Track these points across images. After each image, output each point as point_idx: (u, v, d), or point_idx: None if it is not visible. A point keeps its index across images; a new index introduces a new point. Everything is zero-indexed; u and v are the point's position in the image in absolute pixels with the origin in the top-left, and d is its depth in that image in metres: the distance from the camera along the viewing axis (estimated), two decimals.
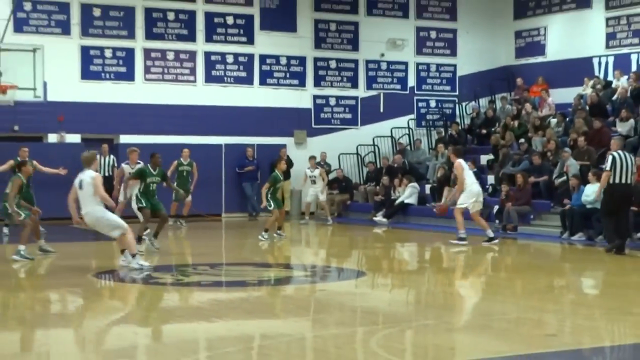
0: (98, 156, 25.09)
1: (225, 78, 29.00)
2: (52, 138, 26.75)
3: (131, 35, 27.85)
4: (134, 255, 15.76)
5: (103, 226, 15.58)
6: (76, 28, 27.24)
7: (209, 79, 28.77)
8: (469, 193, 20.22)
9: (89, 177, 15.39)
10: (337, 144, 29.70)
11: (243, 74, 29.21)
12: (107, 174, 26.03)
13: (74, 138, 26.94)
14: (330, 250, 21.29)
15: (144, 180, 18.80)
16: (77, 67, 27.24)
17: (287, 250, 21.01)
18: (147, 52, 28.03)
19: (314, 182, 26.97)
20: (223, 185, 28.34)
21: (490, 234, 20.40)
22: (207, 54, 28.76)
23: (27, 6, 26.59)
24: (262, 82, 29.41)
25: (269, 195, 21.43)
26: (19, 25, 26.28)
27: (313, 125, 30.13)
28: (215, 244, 22.03)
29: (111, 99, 27.40)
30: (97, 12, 27.45)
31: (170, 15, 28.34)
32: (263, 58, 29.48)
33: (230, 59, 29.05)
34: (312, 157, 27.44)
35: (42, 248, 17.95)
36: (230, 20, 29.11)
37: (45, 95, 24.38)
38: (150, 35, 28.08)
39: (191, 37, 28.59)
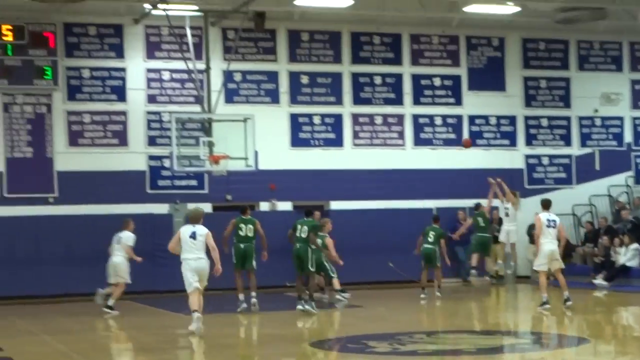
0: None
1: (434, 140, 28.70)
2: (264, 206, 27.02)
3: (339, 101, 27.96)
4: (194, 311, 16.46)
5: (205, 274, 16.79)
6: (285, 96, 27.56)
7: (418, 142, 28.52)
8: (541, 253, 19.71)
9: (203, 230, 16.98)
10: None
11: (452, 136, 28.83)
12: None
13: (286, 205, 27.14)
14: (547, 315, 20.54)
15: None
16: (287, 134, 27.51)
17: (501, 316, 20.43)
18: (355, 117, 28.07)
19: None
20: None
21: (544, 298, 19.56)
22: (415, 117, 28.56)
23: (237, 77, 27.09)
24: (472, 143, 28.91)
25: None
26: (230, 96, 26.80)
27: (526, 186, 29.35)
28: (430, 310, 21.64)
29: (321, 165, 27.51)
30: (304, 80, 27.73)
31: (377, 80, 28.33)
32: (472, 118, 29.05)
33: (438, 120, 28.76)
34: None
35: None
36: (437, 81, 28.87)
37: (257, 164, 24.64)
38: (357, 100, 28.11)
39: (398, 101, 28.46)
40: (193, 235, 16.88)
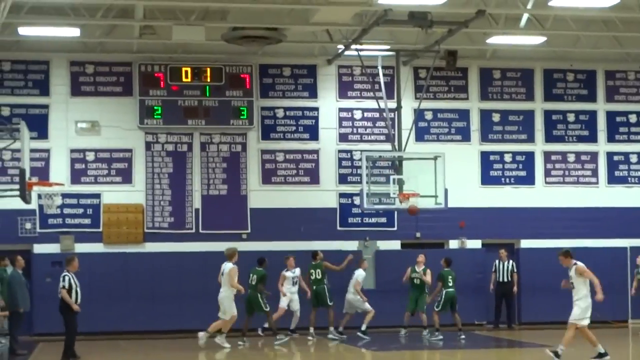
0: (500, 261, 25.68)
1: (629, 178, 28.10)
2: (453, 244, 27.06)
3: (530, 139, 27.78)
4: (222, 333, 21.91)
5: (225, 305, 21.92)
6: (476, 134, 27.59)
7: (612, 179, 28.01)
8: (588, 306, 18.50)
9: (228, 268, 21.91)
10: None
11: None
12: (506, 279, 26.04)
13: (475, 243, 27.11)
14: None
15: None
16: (477, 172, 27.50)
17: None
18: (547, 155, 27.80)
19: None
20: (629, 290, 27.18)
21: (601, 349, 18.21)
22: (609, 154, 28.06)
23: (428, 115, 27.30)
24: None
25: None
26: (421, 134, 27.05)
27: None
28: (622, 352, 21.13)
29: (511, 203, 27.38)
30: (496, 118, 27.68)
31: (570, 117, 28.00)
32: None
33: (634, 158, 28.16)
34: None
35: None
36: (633, 118, 28.31)
37: (446, 202, 24.70)
38: (550, 137, 27.86)
39: (592, 138, 28.05)
40: (222, 272, 22.02)
